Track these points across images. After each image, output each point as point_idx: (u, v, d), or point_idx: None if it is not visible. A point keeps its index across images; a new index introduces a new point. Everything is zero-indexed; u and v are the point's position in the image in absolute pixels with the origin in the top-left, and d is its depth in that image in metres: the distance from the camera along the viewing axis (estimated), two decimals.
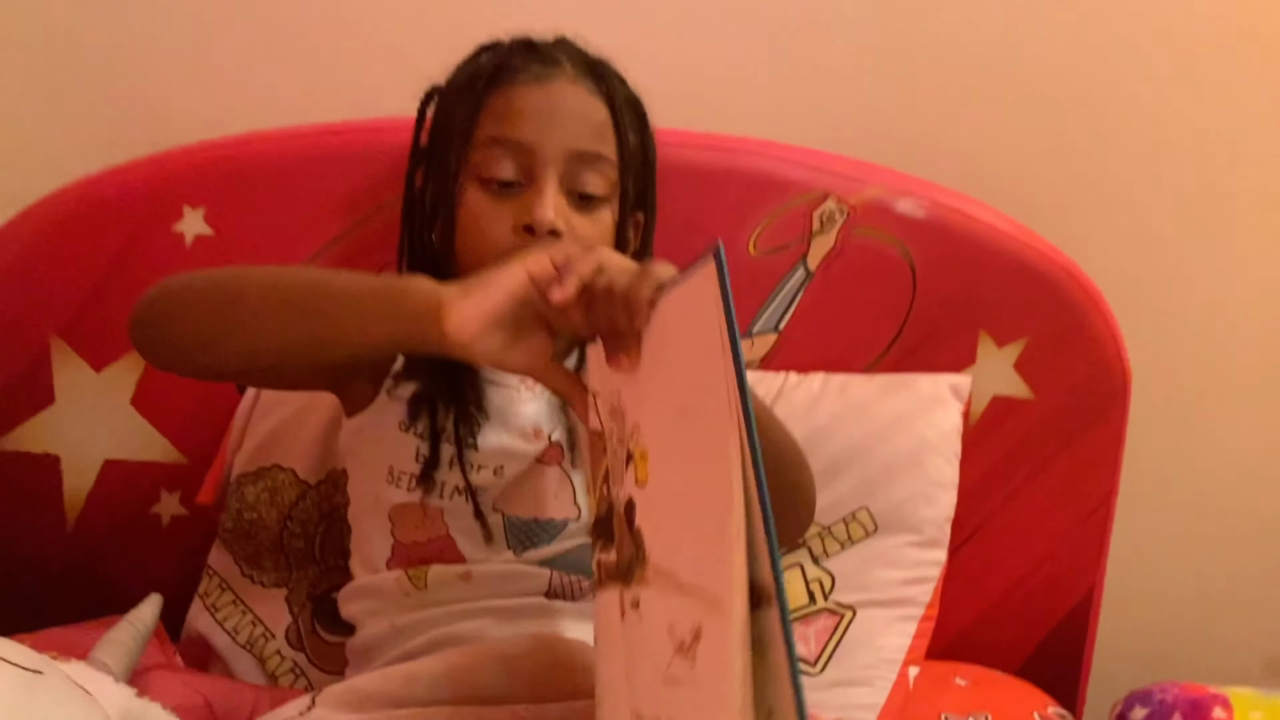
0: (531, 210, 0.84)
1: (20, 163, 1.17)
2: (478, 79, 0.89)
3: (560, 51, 0.91)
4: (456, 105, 0.90)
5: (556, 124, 0.86)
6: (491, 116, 0.87)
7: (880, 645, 1.04)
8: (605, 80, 0.90)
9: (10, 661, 0.60)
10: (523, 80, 0.87)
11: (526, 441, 0.88)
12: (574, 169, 0.86)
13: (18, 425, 1.12)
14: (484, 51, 0.93)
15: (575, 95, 0.88)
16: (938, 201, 1.14)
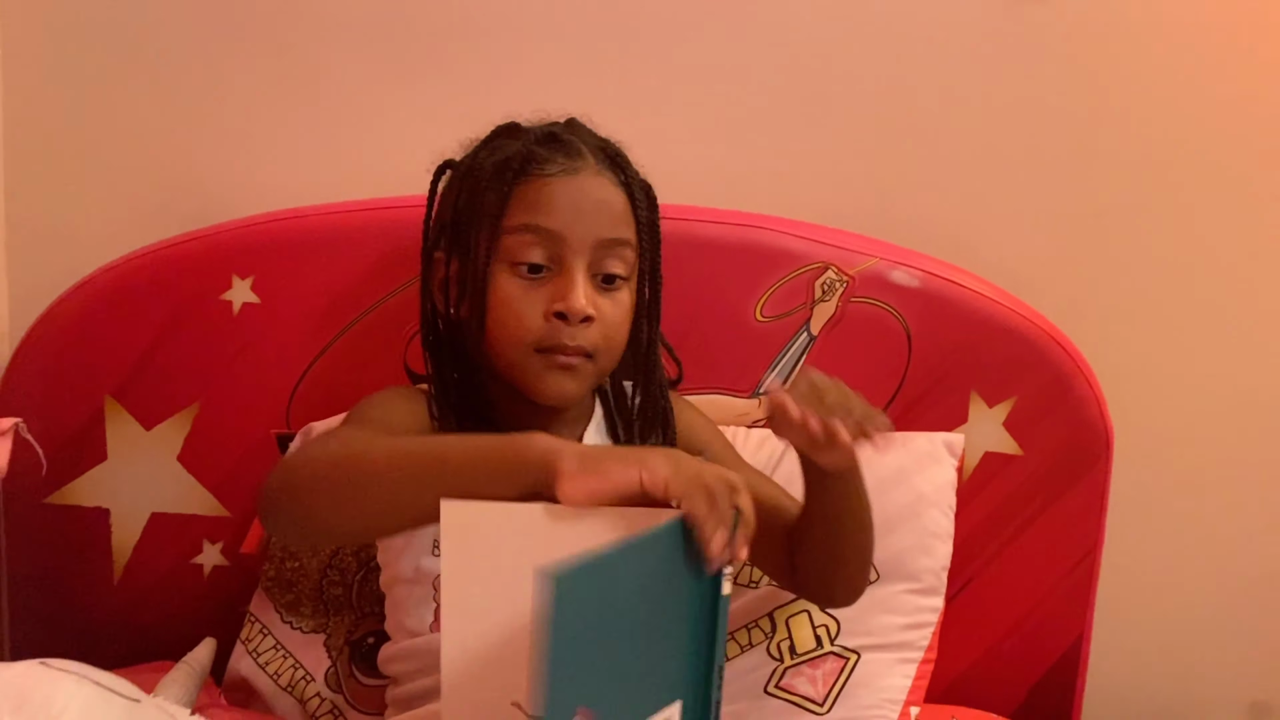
0: (565, 298, 0.89)
1: (78, 236, 1.23)
2: (506, 168, 0.91)
3: (580, 140, 0.94)
4: (485, 191, 0.92)
5: (585, 215, 0.90)
6: (522, 205, 0.90)
7: (883, 686, 1.08)
8: (623, 169, 0.94)
9: (114, 690, 0.67)
10: (551, 171, 0.90)
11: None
12: (599, 255, 0.91)
13: (71, 480, 1.18)
14: (502, 136, 0.96)
15: (600, 187, 0.91)
16: (930, 272, 1.20)
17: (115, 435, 1.18)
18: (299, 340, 1.18)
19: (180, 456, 1.19)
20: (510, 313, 0.90)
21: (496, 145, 0.95)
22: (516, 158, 0.91)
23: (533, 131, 0.95)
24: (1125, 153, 1.31)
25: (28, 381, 1.17)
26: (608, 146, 0.95)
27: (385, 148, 1.25)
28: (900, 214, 1.28)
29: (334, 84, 1.25)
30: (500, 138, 0.96)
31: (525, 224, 0.90)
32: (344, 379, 1.17)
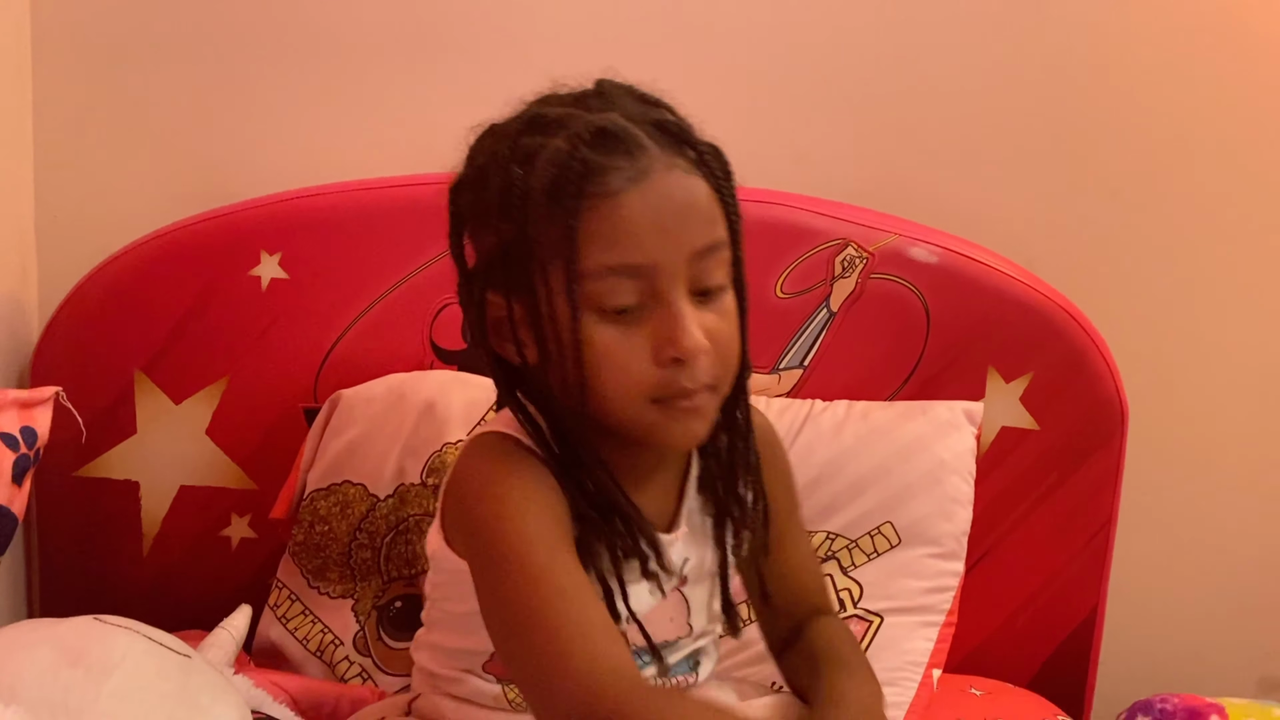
0: (674, 340, 0.72)
1: (108, 214, 1.25)
2: (562, 192, 0.71)
3: (630, 121, 0.74)
4: (543, 224, 0.72)
5: (671, 230, 0.72)
6: (596, 240, 0.71)
7: (906, 649, 1.09)
8: (690, 143, 0.75)
9: (168, 647, 0.69)
10: (616, 185, 0.71)
11: (669, 579, 0.82)
12: (696, 270, 0.74)
13: (102, 454, 1.20)
14: (534, 133, 0.74)
15: (675, 183, 0.73)
16: (948, 248, 1.21)
17: (145, 409, 1.20)
18: (326, 315, 1.19)
19: (209, 430, 1.20)
20: (613, 366, 0.73)
21: (532, 152, 0.73)
22: (569, 175, 0.71)
23: (571, 124, 0.73)
24: (1142, 129, 1.32)
25: (59, 357, 1.19)
26: (662, 119, 0.75)
27: (410, 125, 1.26)
28: (919, 191, 1.29)
29: (360, 63, 1.26)
30: (531, 135, 0.74)
31: (608, 266, 0.71)
32: (371, 354, 1.19)
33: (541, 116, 0.75)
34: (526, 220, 0.72)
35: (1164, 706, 1.16)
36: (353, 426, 1.14)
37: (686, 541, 0.83)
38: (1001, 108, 1.31)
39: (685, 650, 0.87)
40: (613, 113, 0.74)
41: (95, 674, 0.66)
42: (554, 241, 0.72)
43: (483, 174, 0.77)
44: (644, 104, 0.77)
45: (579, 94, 0.78)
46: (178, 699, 0.67)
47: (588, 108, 0.75)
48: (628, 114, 0.75)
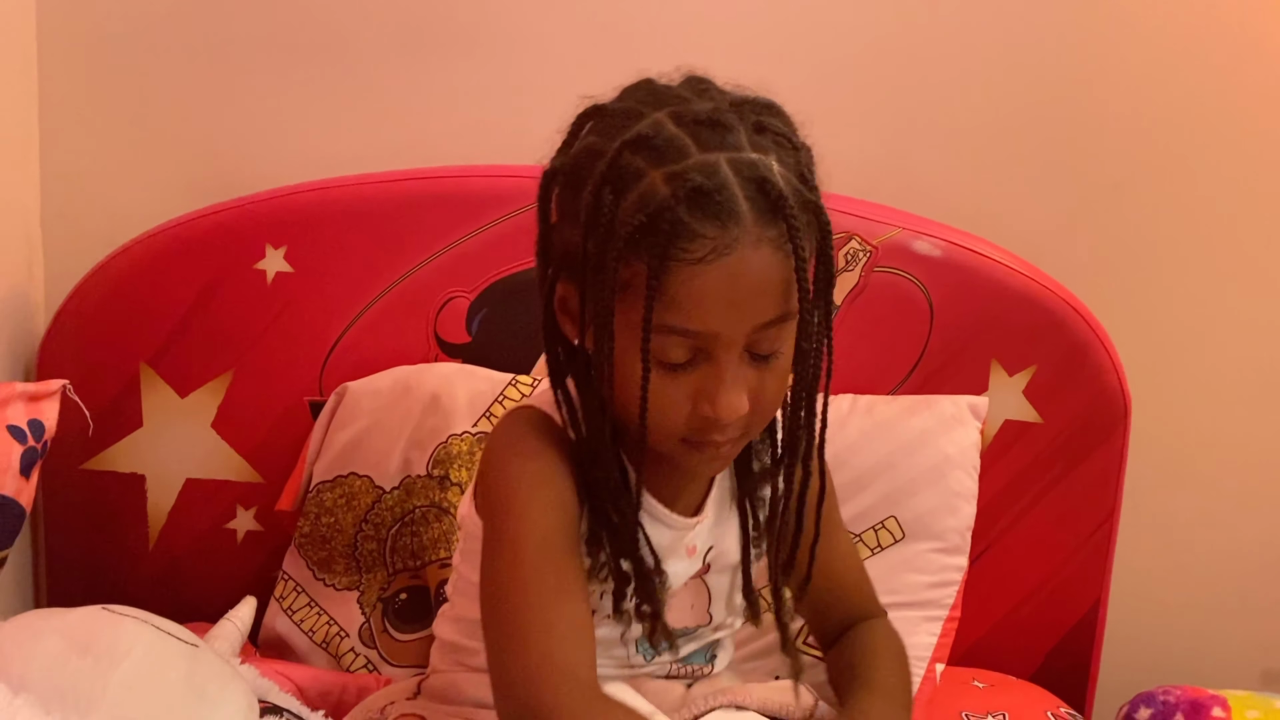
0: (714, 402, 0.73)
1: (113, 207, 1.25)
2: (645, 244, 0.71)
3: (735, 182, 0.71)
4: (623, 258, 0.72)
5: (741, 305, 0.72)
6: (665, 301, 0.71)
7: (909, 644, 1.05)
8: (787, 213, 0.72)
9: (176, 636, 0.70)
10: (700, 254, 0.70)
11: (684, 563, 0.85)
12: (756, 338, 0.74)
13: (108, 447, 1.21)
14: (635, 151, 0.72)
15: (760, 262, 0.71)
16: (952, 242, 1.21)
17: (150, 402, 1.20)
18: (331, 309, 1.20)
19: (214, 423, 1.21)
20: (653, 406, 0.74)
21: (629, 179, 0.72)
22: (658, 228, 0.70)
23: (676, 161, 0.72)
24: (1146, 123, 1.32)
25: (65, 351, 1.20)
26: (766, 181, 0.72)
27: (416, 120, 1.27)
28: (923, 184, 1.29)
29: (365, 57, 1.26)
30: (634, 154, 0.72)
31: (670, 326, 0.72)
32: (376, 347, 1.20)
33: (648, 138, 0.73)
34: (606, 248, 0.72)
35: (1166, 699, 1.16)
36: (358, 419, 1.14)
37: (711, 528, 0.85)
38: (1006, 102, 1.31)
39: (704, 640, 0.89)
40: (721, 155, 0.72)
41: (104, 663, 0.66)
42: (627, 280, 0.72)
43: (577, 170, 0.76)
44: (758, 130, 0.75)
45: (695, 111, 0.74)
46: (185, 687, 0.68)
47: (698, 135, 0.73)
48: (738, 147, 0.73)
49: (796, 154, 0.76)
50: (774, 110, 0.78)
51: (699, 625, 0.87)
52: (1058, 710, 1.17)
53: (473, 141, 1.25)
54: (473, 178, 1.20)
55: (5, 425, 0.96)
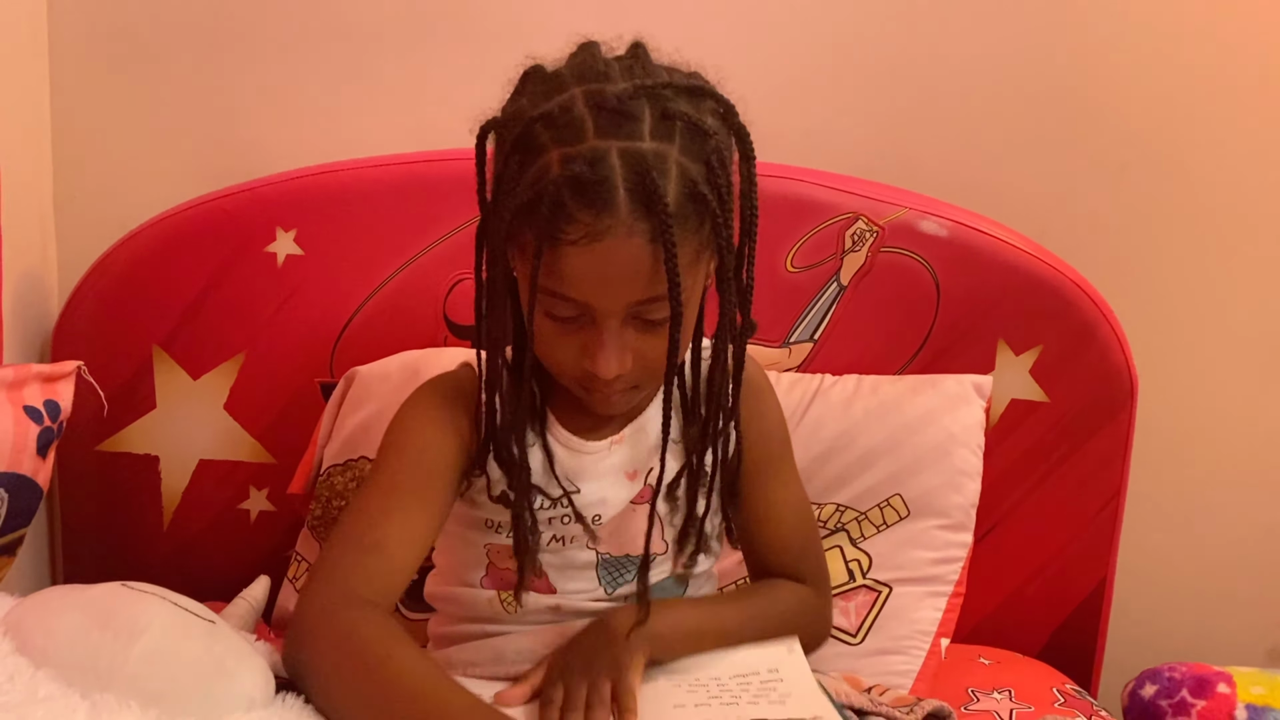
0: (594, 361, 0.80)
1: (127, 192, 1.27)
2: (531, 214, 0.76)
3: (618, 169, 0.75)
4: (517, 222, 0.78)
5: (610, 283, 0.77)
6: (547, 268, 0.77)
7: (914, 618, 1.11)
8: (659, 211, 0.75)
9: (193, 612, 0.71)
10: (573, 238, 0.76)
11: (622, 487, 0.90)
12: (634, 312, 0.79)
13: (122, 428, 1.22)
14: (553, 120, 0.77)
15: (629, 250, 0.76)
16: (958, 221, 1.22)
17: (164, 384, 1.22)
18: (341, 291, 1.21)
19: (227, 405, 1.22)
20: (546, 349, 0.82)
21: (535, 150, 0.78)
22: (541, 206, 0.76)
23: (575, 142, 0.76)
24: (1152, 102, 1.33)
25: (79, 333, 1.21)
26: (647, 176, 0.75)
27: (424, 103, 1.28)
28: (929, 164, 1.30)
29: (373, 40, 1.27)
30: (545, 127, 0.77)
31: (552, 290, 0.79)
32: (386, 328, 1.21)
33: (555, 116, 0.77)
34: (502, 214, 0.79)
35: (1172, 675, 1.17)
36: (368, 403, 1.15)
37: (647, 451, 0.90)
38: (1012, 81, 1.31)
39: (661, 573, 0.92)
40: (613, 144, 0.76)
41: (124, 637, 0.67)
42: (522, 241, 0.79)
43: (503, 130, 0.81)
44: (664, 117, 0.77)
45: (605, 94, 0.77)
46: (204, 662, 0.69)
47: (599, 120, 0.76)
48: (633, 137, 0.76)
49: (705, 141, 0.78)
50: (696, 93, 0.80)
51: (656, 554, 0.91)
52: (1063, 687, 1.18)
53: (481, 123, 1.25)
54: None
55: (22, 406, 0.97)
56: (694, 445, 0.90)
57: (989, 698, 1.11)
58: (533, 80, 0.82)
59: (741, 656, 0.88)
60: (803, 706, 0.81)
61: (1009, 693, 1.13)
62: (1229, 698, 1.11)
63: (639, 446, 0.91)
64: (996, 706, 1.10)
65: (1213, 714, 1.11)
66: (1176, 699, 1.13)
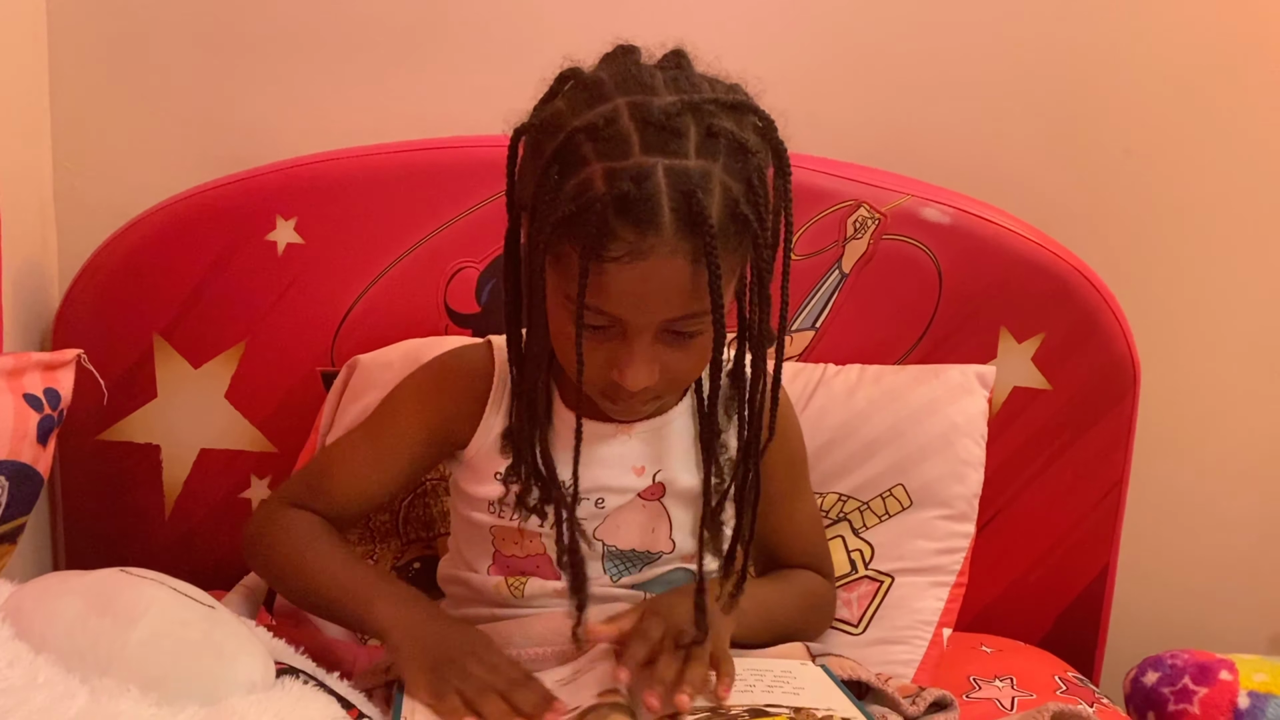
0: (621, 372, 0.81)
1: (127, 180, 1.26)
2: (573, 230, 0.76)
3: (664, 187, 0.74)
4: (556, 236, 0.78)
5: (648, 301, 0.78)
6: (587, 280, 0.77)
7: (916, 608, 1.11)
8: (705, 231, 0.75)
9: (193, 598, 0.71)
10: (615, 253, 0.75)
11: (628, 478, 0.92)
12: (666, 328, 0.80)
13: (123, 417, 1.22)
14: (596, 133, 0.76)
15: (668, 270, 0.76)
16: (961, 209, 1.22)
17: (165, 373, 1.22)
18: (342, 279, 1.20)
19: (228, 394, 1.22)
20: (572, 359, 0.81)
21: (576, 164, 0.77)
22: (584, 223, 0.75)
23: (619, 157, 0.76)
24: (1156, 88, 1.32)
25: (80, 322, 1.21)
26: (693, 196, 0.75)
27: (424, 90, 1.27)
28: (931, 151, 1.29)
29: (373, 27, 1.26)
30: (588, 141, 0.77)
31: (588, 302, 0.78)
32: (387, 317, 1.20)
33: (599, 128, 0.76)
34: (543, 224, 0.78)
35: (1174, 662, 1.17)
36: (370, 392, 1.15)
37: (660, 454, 0.92)
38: (1014, 68, 1.31)
39: (669, 566, 0.94)
40: (660, 161, 0.75)
41: (123, 622, 0.67)
42: (560, 251, 0.79)
43: (540, 136, 0.80)
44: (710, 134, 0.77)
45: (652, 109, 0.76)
46: (203, 647, 0.69)
47: (645, 136, 0.76)
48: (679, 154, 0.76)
49: (748, 160, 0.78)
50: (739, 108, 0.80)
51: (661, 552, 0.93)
52: (1065, 675, 1.18)
53: (481, 111, 1.24)
54: (482, 148, 1.20)
55: (22, 394, 0.97)
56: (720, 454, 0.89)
57: (991, 685, 1.11)
58: (571, 85, 0.81)
59: (753, 660, 0.89)
60: (816, 698, 0.81)
61: (1011, 680, 1.13)
62: (1231, 685, 1.11)
63: (652, 445, 0.92)
64: (998, 694, 1.10)
65: (1215, 701, 1.11)
66: (1179, 686, 1.13)
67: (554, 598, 0.93)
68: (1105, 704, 1.12)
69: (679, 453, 0.93)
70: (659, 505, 0.93)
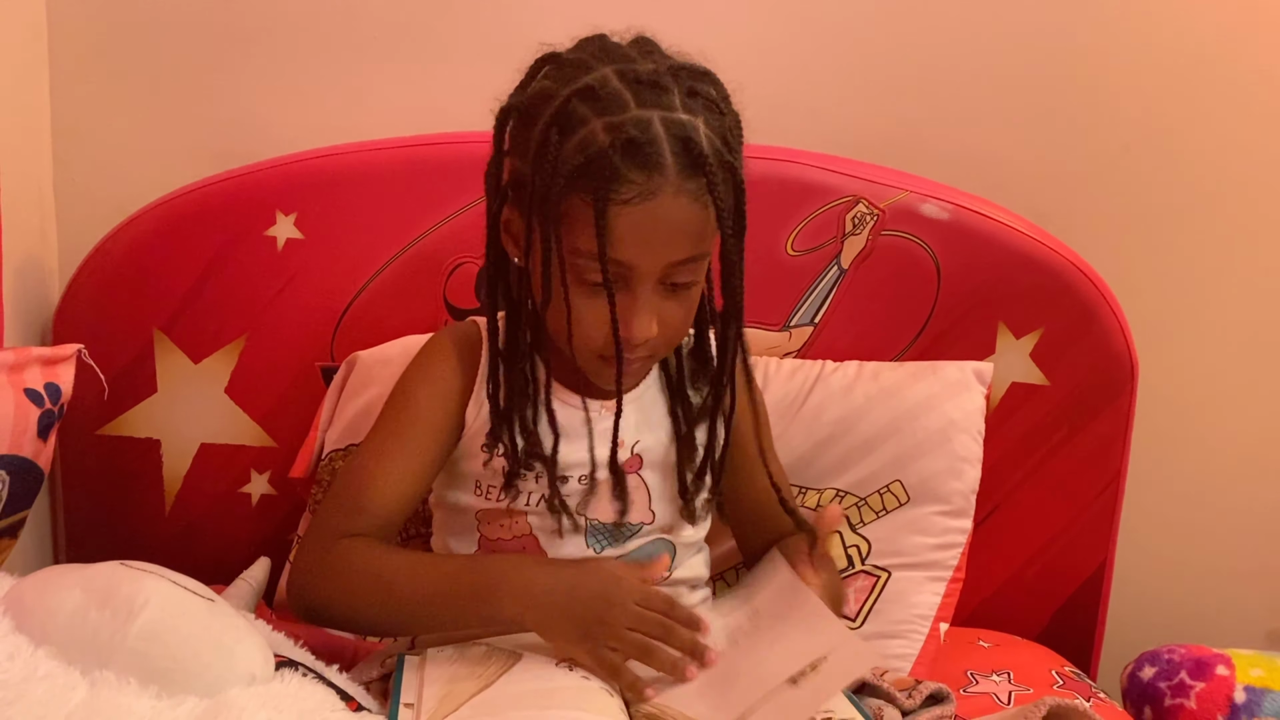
0: (627, 326, 0.84)
1: (127, 175, 1.26)
2: (582, 184, 0.80)
3: (663, 133, 0.80)
4: (561, 193, 0.81)
5: (657, 243, 0.82)
6: (593, 232, 0.81)
7: (913, 602, 1.11)
8: (707, 170, 0.81)
9: (192, 591, 0.71)
10: (626, 197, 0.80)
11: (619, 453, 0.92)
12: (669, 273, 0.84)
13: (123, 412, 1.22)
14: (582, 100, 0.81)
15: (678, 209, 0.81)
16: (959, 205, 1.22)
17: (165, 368, 1.22)
18: (342, 275, 1.21)
19: (228, 389, 1.22)
20: (575, 322, 0.85)
21: (575, 124, 0.81)
22: (594, 171, 0.80)
23: (616, 113, 0.81)
24: (1154, 84, 1.32)
25: (79, 317, 1.21)
26: (690, 140, 0.81)
27: (424, 86, 1.27)
28: (930, 147, 1.30)
29: (373, 23, 1.27)
30: (581, 103, 0.81)
31: (594, 252, 0.81)
32: (386, 312, 1.21)
33: (594, 89, 0.82)
34: (549, 183, 0.81)
35: (1171, 657, 1.18)
36: (369, 388, 1.15)
37: (637, 426, 0.94)
38: (1013, 63, 1.31)
39: (649, 537, 0.96)
40: (655, 113, 0.81)
41: (123, 615, 0.68)
42: (562, 212, 0.82)
43: (530, 109, 0.85)
44: (690, 95, 0.83)
45: (638, 71, 0.83)
46: (202, 639, 0.69)
47: (637, 93, 0.82)
48: (670, 108, 0.82)
49: (723, 119, 0.85)
50: (709, 78, 0.86)
51: (641, 522, 0.95)
52: (1063, 669, 1.18)
53: (481, 107, 1.25)
54: (482, 143, 1.18)
55: (22, 389, 0.97)
56: (697, 419, 0.95)
57: (988, 680, 1.12)
58: (552, 63, 0.87)
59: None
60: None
61: (1008, 675, 1.13)
62: (1228, 680, 1.12)
63: (628, 418, 0.93)
64: (995, 689, 1.10)
65: (1211, 696, 1.11)
66: (1175, 681, 1.14)
67: None
68: (1102, 699, 1.12)
69: (653, 423, 0.95)
70: (637, 478, 0.94)
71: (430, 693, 0.80)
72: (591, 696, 0.79)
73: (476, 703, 0.78)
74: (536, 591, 0.84)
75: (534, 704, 0.77)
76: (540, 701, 0.78)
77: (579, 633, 0.83)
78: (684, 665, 0.82)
